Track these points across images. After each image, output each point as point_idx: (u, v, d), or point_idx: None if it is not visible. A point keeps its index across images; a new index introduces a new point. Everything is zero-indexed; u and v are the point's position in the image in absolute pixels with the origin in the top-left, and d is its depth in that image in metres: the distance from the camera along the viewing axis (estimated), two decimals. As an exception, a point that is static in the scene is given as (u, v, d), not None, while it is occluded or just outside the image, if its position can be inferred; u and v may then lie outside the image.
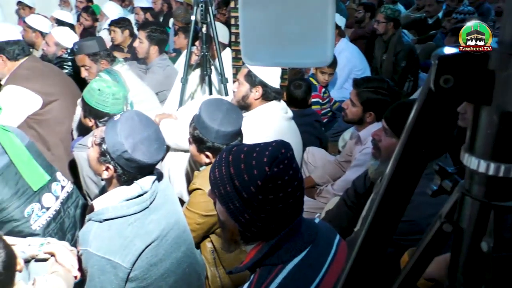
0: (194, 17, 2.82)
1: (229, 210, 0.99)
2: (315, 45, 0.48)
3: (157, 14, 5.36)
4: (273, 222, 0.98)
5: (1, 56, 2.45)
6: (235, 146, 1.03)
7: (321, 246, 1.06)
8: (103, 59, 2.67)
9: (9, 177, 1.74)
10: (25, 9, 5.24)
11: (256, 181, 0.93)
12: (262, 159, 0.93)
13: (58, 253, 1.51)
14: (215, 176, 1.01)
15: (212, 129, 1.73)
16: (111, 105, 2.10)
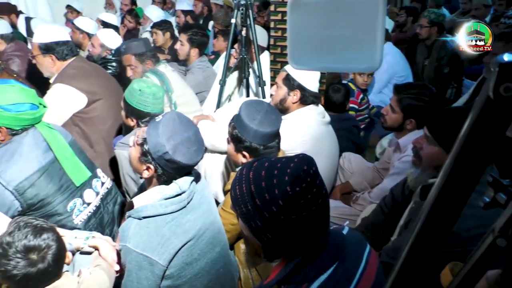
0: (234, 20, 2.84)
1: (251, 228, 0.96)
2: (363, 50, 0.47)
3: (197, 16, 5.46)
4: (297, 241, 0.94)
5: (50, 55, 2.56)
6: (256, 161, 0.99)
7: (349, 260, 1.01)
8: (149, 59, 2.75)
9: (54, 173, 1.81)
10: (73, 12, 5.48)
11: (278, 201, 0.89)
12: (284, 177, 0.89)
13: (101, 247, 1.57)
14: (235, 193, 0.97)
15: (250, 129, 1.74)
16: (152, 105, 2.15)
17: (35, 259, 1.21)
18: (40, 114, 1.82)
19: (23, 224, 1.25)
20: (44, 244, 1.23)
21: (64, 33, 2.67)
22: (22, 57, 3.45)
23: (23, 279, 1.20)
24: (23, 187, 1.70)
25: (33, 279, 1.21)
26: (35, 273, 1.20)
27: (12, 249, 1.19)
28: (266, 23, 4.61)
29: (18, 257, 1.19)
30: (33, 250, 1.21)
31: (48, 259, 1.23)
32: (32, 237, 1.22)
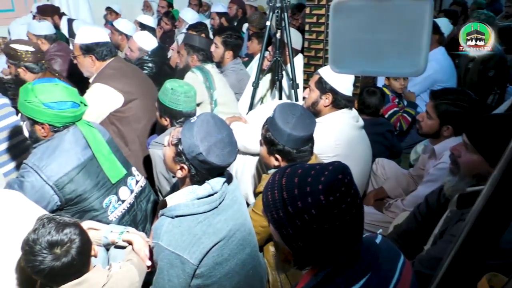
0: (269, 22, 2.85)
1: (282, 235, 0.94)
2: (408, 54, 0.46)
3: (231, 19, 5.51)
4: (329, 251, 0.92)
5: (91, 56, 2.64)
6: (289, 168, 0.97)
7: (383, 271, 0.99)
8: (195, 53, 2.85)
9: (91, 170, 1.86)
10: (112, 14, 5.66)
11: (310, 210, 0.87)
12: (317, 186, 0.87)
13: (135, 242, 1.60)
14: (267, 199, 0.96)
15: (284, 132, 1.74)
16: (184, 103, 2.18)
17: (59, 253, 1.25)
18: (81, 112, 1.88)
19: (47, 221, 1.29)
20: (66, 239, 1.27)
21: (104, 35, 2.76)
22: (63, 57, 3.58)
23: (50, 273, 1.24)
24: (63, 182, 1.77)
25: (59, 273, 1.25)
26: (60, 267, 1.24)
27: (37, 245, 1.24)
28: (300, 25, 4.61)
29: (44, 253, 1.23)
30: (56, 245, 1.25)
31: (71, 253, 1.26)
32: (54, 232, 1.26)
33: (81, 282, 1.30)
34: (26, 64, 2.66)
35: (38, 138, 1.84)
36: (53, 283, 1.30)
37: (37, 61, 2.70)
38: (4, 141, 2.31)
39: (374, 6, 0.45)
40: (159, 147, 2.11)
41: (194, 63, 2.87)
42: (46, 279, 1.27)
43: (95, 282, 1.33)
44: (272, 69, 3.12)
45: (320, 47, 3.11)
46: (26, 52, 2.65)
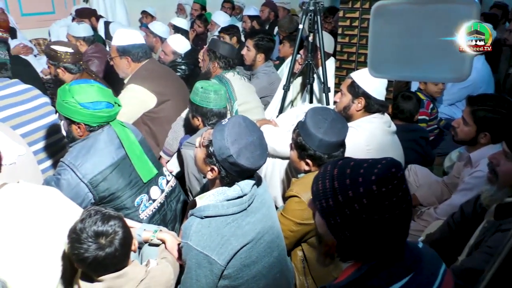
0: (301, 25, 2.84)
1: (329, 224, 0.95)
2: (451, 59, 0.45)
3: (263, 22, 5.52)
4: (375, 243, 0.93)
5: (126, 58, 2.71)
6: (341, 160, 0.99)
7: (424, 274, 0.98)
8: (215, 61, 2.79)
9: (124, 169, 1.90)
10: (148, 17, 5.79)
11: (362, 199, 0.88)
12: (370, 177, 0.89)
13: (168, 241, 1.64)
14: (317, 188, 0.98)
15: (315, 137, 1.72)
16: (214, 101, 2.21)
17: (104, 243, 1.29)
18: (115, 112, 1.92)
19: (94, 212, 1.35)
20: (111, 230, 1.32)
21: (140, 37, 2.82)
22: (100, 58, 3.69)
23: (94, 262, 1.28)
24: (97, 181, 1.81)
25: (102, 262, 1.30)
26: (103, 257, 1.29)
27: (83, 234, 1.28)
28: (333, 29, 4.57)
29: (89, 241, 1.28)
30: (101, 235, 1.30)
31: (115, 244, 1.31)
32: (100, 223, 1.31)
33: (121, 275, 1.35)
34: (65, 65, 2.75)
35: (74, 137, 1.90)
36: (94, 273, 1.34)
37: (75, 62, 2.79)
38: (43, 140, 2.39)
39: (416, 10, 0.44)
40: (191, 148, 2.14)
41: (215, 69, 2.82)
42: (88, 267, 1.32)
43: (134, 276, 1.37)
44: (303, 72, 3.10)
45: (353, 50, 3.07)
46: (65, 53, 2.74)
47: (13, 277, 1.28)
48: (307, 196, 1.70)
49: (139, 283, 1.38)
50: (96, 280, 1.35)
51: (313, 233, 1.72)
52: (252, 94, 2.98)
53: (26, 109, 2.33)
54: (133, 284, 1.37)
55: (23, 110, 2.31)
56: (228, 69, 2.82)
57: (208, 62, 2.84)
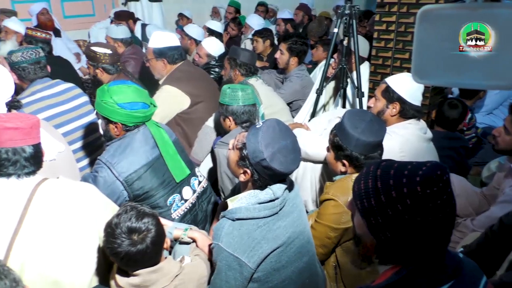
0: (336, 29, 2.81)
1: (369, 225, 0.94)
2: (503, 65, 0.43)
3: (297, 25, 5.51)
4: (416, 247, 0.91)
5: (163, 59, 2.77)
6: (385, 161, 0.98)
7: (465, 283, 0.95)
8: (236, 68, 2.84)
9: (158, 168, 1.94)
10: (184, 19, 5.90)
11: (405, 200, 0.87)
12: (415, 178, 0.87)
13: (199, 239, 1.66)
14: (359, 187, 0.97)
15: (352, 137, 1.71)
16: (242, 98, 2.27)
17: (136, 240, 1.32)
18: (151, 112, 1.96)
19: (130, 208, 1.39)
20: (144, 227, 1.35)
21: (175, 39, 2.88)
22: (136, 60, 3.78)
23: (125, 257, 1.32)
24: (132, 179, 1.85)
25: (133, 258, 1.33)
26: (134, 252, 1.31)
27: (118, 229, 1.32)
28: (368, 33, 4.50)
29: (123, 237, 1.31)
30: (134, 232, 1.33)
31: (146, 241, 1.33)
32: (134, 219, 1.35)
33: (156, 270, 1.38)
34: (104, 66, 2.84)
35: (111, 136, 1.95)
36: (127, 267, 1.38)
37: (113, 63, 2.87)
38: (82, 139, 2.47)
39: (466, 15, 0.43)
40: (224, 147, 2.16)
41: (236, 77, 2.86)
42: (121, 262, 1.35)
43: (168, 271, 1.41)
44: (336, 76, 3.07)
45: (389, 55, 3.01)
46: (104, 54, 2.83)
47: (50, 267, 1.33)
48: (344, 199, 1.68)
49: (173, 278, 1.41)
50: (131, 274, 1.38)
51: (347, 237, 1.69)
52: (276, 96, 3.00)
53: (66, 109, 2.41)
54: (168, 279, 1.40)
55: (64, 110, 2.40)
56: (249, 75, 2.86)
57: (230, 69, 2.87)
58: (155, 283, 1.38)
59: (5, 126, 1.31)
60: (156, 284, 1.38)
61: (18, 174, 1.36)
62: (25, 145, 1.35)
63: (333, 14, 6.41)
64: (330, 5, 6.70)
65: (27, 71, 2.35)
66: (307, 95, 3.24)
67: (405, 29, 2.87)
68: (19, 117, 1.38)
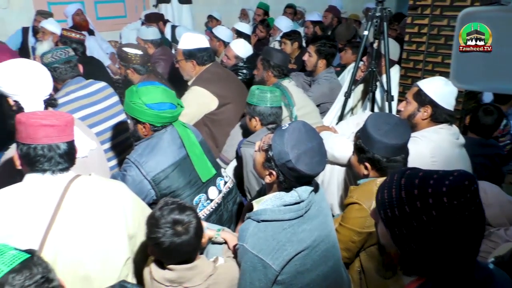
0: (366, 32, 2.78)
1: (393, 235, 0.92)
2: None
3: (325, 28, 5.47)
4: (442, 259, 0.88)
5: (192, 61, 2.81)
6: (409, 169, 0.95)
7: None
8: (269, 70, 2.84)
9: (185, 168, 1.96)
10: (213, 21, 5.96)
11: (431, 211, 0.84)
12: (441, 188, 0.85)
13: (230, 240, 1.67)
14: (383, 196, 0.94)
15: (374, 139, 1.69)
16: (270, 99, 2.28)
17: (180, 230, 1.37)
18: (178, 113, 1.99)
19: (171, 202, 1.44)
20: (187, 219, 1.40)
21: (205, 41, 2.91)
22: (166, 61, 3.85)
23: (169, 247, 1.36)
24: (159, 178, 1.88)
25: (175, 249, 1.37)
26: (178, 243, 1.36)
27: (162, 220, 1.37)
28: (398, 35, 4.42)
29: (167, 227, 1.36)
30: (178, 223, 1.38)
31: (190, 232, 1.38)
32: (177, 212, 1.40)
33: (192, 267, 1.41)
34: (134, 66, 2.90)
35: (140, 136, 1.98)
36: (167, 259, 1.42)
37: (143, 63, 2.93)
38: (112, 139, 2.53)
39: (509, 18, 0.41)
40: (250, 146, 2.17)
41: (268, 78, 2.86)
42: (163, 252, 1.39)
43: (203, 270, 1.43)
44: (365, 79, 3.03)
45: (420, 58, 2.95)
46: (135, 55, 2.89)
47: (81, 262, 1.37)
48: (368, 203, 1.66)
49: (208, 278, 1.43)
50: (168, 268, 1.42)
51: (372, 242, 1.67)
52: (307, 98, 2.99)
53: (99, 109, 2.47)
54: (202, 278, 1.42)
55: (97, 110, 2.46)
56: (282, 77, 2.86)
57: (262, 71, 2.88)
58: (190, 280, 1.41)
59: (42, 123, 1.36)
60: (190, 281, 1.41)
61: (53, 170, 1.40)
62: (60, 142, 1.40)
63: (362, 16, 6.33)
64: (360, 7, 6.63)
65: (59, 71, 2.41)
66: (335, 98, 3.21)
67: (438, 32, 2.81)
68: (55, 115, 1.43)
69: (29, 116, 1.38)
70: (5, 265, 0.93)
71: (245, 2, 6.88)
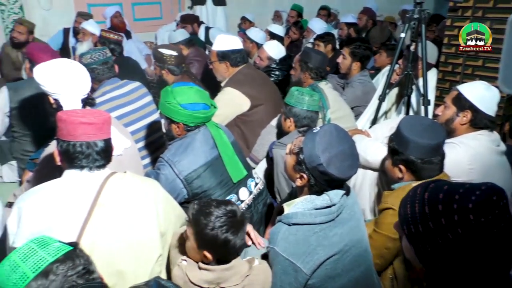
0: (403, 34, 2.71)
1: (418, 251, 0.88)
2: None
3: (360, 30, 5.39)
4: (470, 277, 0.83)
5: (226, 62, 2.83)
6: (433, 182, 0.90)
7: None
8: (307, 71, 2.82)
9: (217, 168, 1.98)
10: (246, 23, 6.00)
11: (456, 228, 0.80)
12: (467, 204, 0.80)
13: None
14: (405, 211, 0.90)
15: (408, 140, 1.65)
16: (308, 102, 2.27)
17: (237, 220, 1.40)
18: (211, 113, 2.01)
19: (210, 199, 1.46)
20: (236, 208, 1.43)
21: (238, 43, 2.93)
22: (200, 62, 3.91)
23: (225, 243, 1.37)
24: (191, 178, 1.91)
25: (233, 241, 1.38)
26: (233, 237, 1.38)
27: (213, 215, 1.37)
28: (436, 38, 4.30)
29: (221, 219, 1.37)
30: (234, 215, 1.40)
31: (244, 225, 1.41)
32: (224, 206, 1.41)
33: (229, 268, 1.41)
34: (169, 67, 2.95)
35: (173, 136, 2.02)
36: (222, 254, 1.41)
37: (178, 64, 2.98)
38: (146, 138, 2.58)
39: None
40: (282, 148, 2.17)
41: (305, 79, 2.85)
42: (219, 249, 1.39)
43: (240, 270, 1.43)
44: (401, 83, 2.97)
45: (459, 62, 2.85)
46: (170, 56, 2.94)
47: (115, 257, 1.41)
48: None
49: (244, 278, 1.42)
50: (204, 269, 1.41)
51: None
52: (342, 102, 2.96)
53: (133, 109, 2.54)
54: (239, 278, 1.42)
55: (131, 109, 2.53)
56: (319, 79, 2.83)
57: (300, 72, 2.87)
58: (228, 280, 1.41)
59: (81, 121, 1.40)
60: (228, 281, 1.41)
61: (90, 167, 1.44)
62: (97, 140, 1.44)
63: (398, 18, 6.20)
64: (395, 9, 6.49)
65: (96, 72, 2.49)
66: (368, 101, 3.15)
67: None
68: (93, 113, 1.47)
69: (70, 114, 1.43)
70: (50, 255, 0.99)
71: (278, 4, 6.88)
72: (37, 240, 1.04)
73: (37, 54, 2.58)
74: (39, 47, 2.80)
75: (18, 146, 2.82)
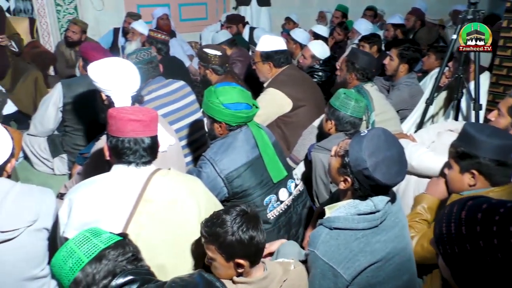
0: (455, 36, 2.61)
1: (453, 272, 0.83)
2: None
3: (407, 31, 5.23)
4: None
5: (269, 63, 2.84)
6: (471, 200, 0.85)
7: None
8: (353, 72, 2.75)
9: (257, 168, 1.98)
10: (290, 23, 5.98)
11: (496, 253, 0.74)
12: (508, 226, 0.74)
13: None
14: (440, 231, 0.85)
15: (480, 141, 1.54)
16: (352, 108, 2.19)
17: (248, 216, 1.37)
18: (253, 113, 2.02)
19: (215, 212, 1.42)
20: (244, 207, 1.40)
21: (282, 43, 2.92)
22: (243, 62, 3.94)
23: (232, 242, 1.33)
24: (232, 177, 1.92)
25: (251, 237, 1.35)
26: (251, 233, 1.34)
27: (228, 222, 1.35)
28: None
29: (236, 221, 1.35)
30: (245, 213, 1.38)
31: (259, 228, 1.38)
32: (231, 209, 1.39)
33: (266, 276, 1.39)
34: (213, 67, 2.99)
35: (215, 135, 2.04)
36: (245, 255, 1.36)
37: (222, 64, 3.01)
38: (189, 136, 2.64)
39: None
40: (321, 151, 2.14)
41: (351, 80, 2.77)
42: (243, 249, 1.34)
43: (275, 276, 1.41)
44: (450, 86, 2.85)
45: (516, 65, 2.70)
46: (214, 56, 2.98)
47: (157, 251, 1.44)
48: None
49: (282, 283, 1.40)
50: (242, 283, 1.37)
51: None
52: (388, 104, 2.88)
53: (178, 107, 2.60)
54: (277, 284, 1.39)
55: (176, 108, 2.59)
56: (365, 80, 2.76)
57: (346, 72, 2.80)
58: None
59: (130, 118, 1.45)
60: None
61: (137, 163, 1.49)
62: (145, 137, 1.48)
63: (448, 19, 5.96)
64: (446, 9, 6.24)
65: (141, 71, 2.56)
66: (415, 104, 3.06)
67: (539, 37, 2.56)
68: (141, 111, 1.52)
69: (119, 111, 1.48)
70: (102, 243, 1.11)
71: (323, 4, 6.81)
72: (90, 230, 1.15)
73: (91, 52, 2.69)
74: (92, 46, 2.92)
75: (69, 140, 2.96)
